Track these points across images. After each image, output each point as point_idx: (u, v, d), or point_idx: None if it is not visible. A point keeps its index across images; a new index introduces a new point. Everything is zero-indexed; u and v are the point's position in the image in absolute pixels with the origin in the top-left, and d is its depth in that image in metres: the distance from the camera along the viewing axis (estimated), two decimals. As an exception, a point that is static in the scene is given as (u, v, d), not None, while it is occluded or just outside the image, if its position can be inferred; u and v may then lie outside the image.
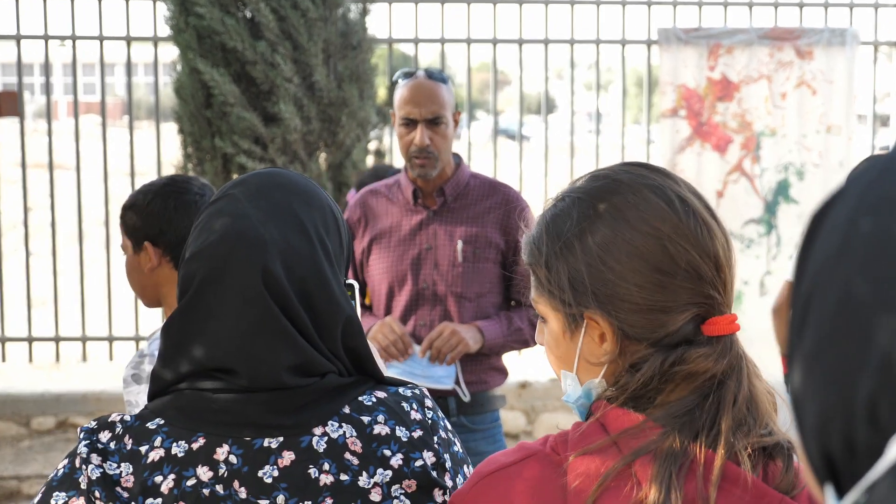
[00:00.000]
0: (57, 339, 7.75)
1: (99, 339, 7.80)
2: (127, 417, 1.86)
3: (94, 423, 1.85)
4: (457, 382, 4.03)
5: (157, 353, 2.92)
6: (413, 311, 4.07)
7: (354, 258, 4.18)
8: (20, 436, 7.54)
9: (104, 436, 1.84)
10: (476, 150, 7.78)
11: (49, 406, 7.57)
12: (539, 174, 7.65)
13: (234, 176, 6.84)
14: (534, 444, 1.71)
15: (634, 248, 1.68)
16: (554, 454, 1.67)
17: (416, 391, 1.96)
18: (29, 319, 7.66)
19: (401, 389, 1.95)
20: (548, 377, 7.72)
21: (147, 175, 8.19)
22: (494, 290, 4.10)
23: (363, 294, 4.25)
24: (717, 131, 7.42)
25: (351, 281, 2.09)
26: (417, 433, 1.90)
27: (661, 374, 1.66)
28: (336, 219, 1.98)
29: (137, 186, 7.37)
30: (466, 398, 4.04)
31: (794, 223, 7.40)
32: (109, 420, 1.86)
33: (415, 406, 1.93)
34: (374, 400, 1.91)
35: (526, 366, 7.81)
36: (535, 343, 4.09)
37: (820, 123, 7.42)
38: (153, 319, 7.74)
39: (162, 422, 1.85)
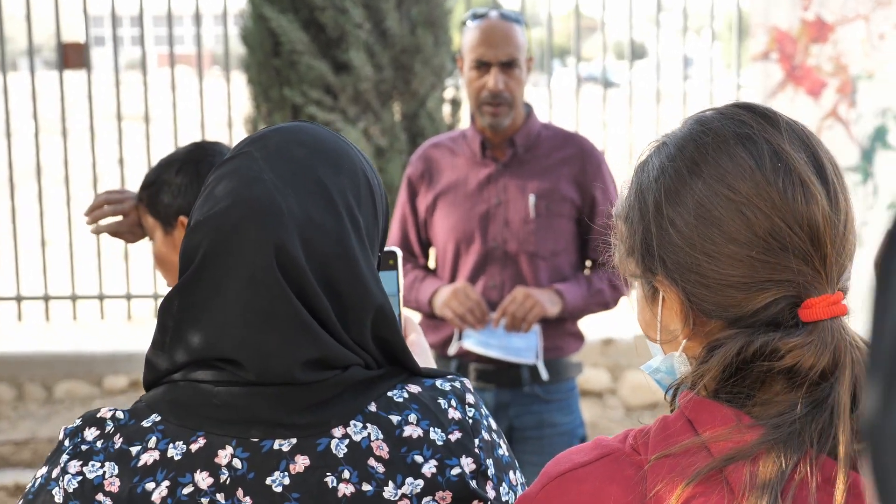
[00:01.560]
0: (46, 298, 7.63)
1: (89, 297, 7.67)
2: (119, 414, 1.60)
3: (79, 421, 1.60)
4: (537, 357, 3.74)
5: None
6: (482, 272, 3.79)
7: (418, 216, 3.90)
8: (11, 398, 7.37)
9: (90, 433, 1.59)
10: (561, 97, 7.46)
11: (40, 367, 7.39)
12: (626, 122, 7.35)
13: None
14: (612, 442, 1.46)
15: (705, 210, 1.42)
16: (634, 454, 1.43)
17: (457, 384, 1.67)
18: (17, 277, 7.55)
19: (438, 382, 1.66)
20: (632, 334, 7.43)
21: (218, 127, 8.01)
22: (570, 248, 3.82)
23: (426, 254, 3.98)
24: (810, 75, 7.05)
25: (393, 248, 1.81)
26: (455, 435, 1.62)
27: (744, 362, 1.39)
28: (371, 186, 1.69)
29: (209, 137, 7.29)
30: (546, 377, 3.76)
31: (892, 171, 7.02)
32: (98, 416, 1.60)
33: (454, 403, 1.65)
34: (405, 395, 1.63)
35: (610, 322, 7.53)
36: (615, 306, 3.87)
37: (914, 71, 7.02)
38: (145, 274, 7.56)
39: (158, 418, 1.59)
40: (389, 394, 1.62)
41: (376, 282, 1.64)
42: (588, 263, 3.92)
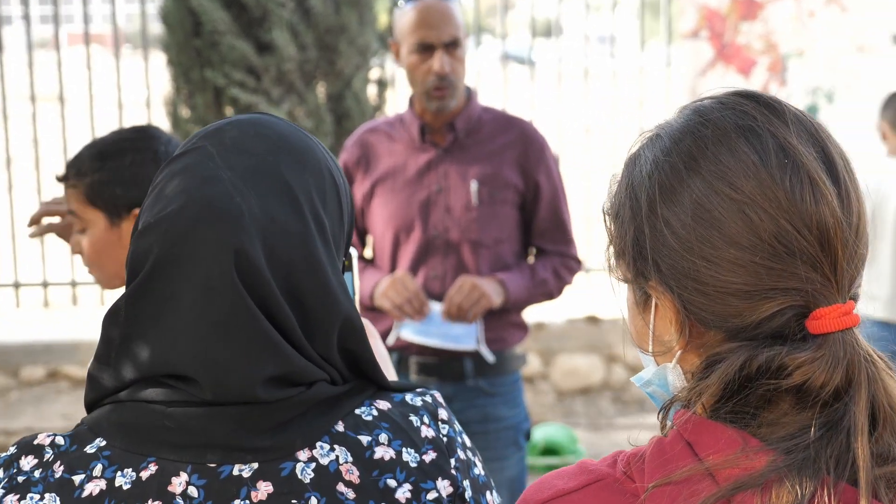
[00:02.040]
0: (45, 284, 7.36)
1: (89, 283, 7.41)
2: (59, 439, 1.45)
3: (13, 449, 1.44)
4: (478, 342, 3.61)
5: None
6: (423, 262, 3.64)
7: (354, 205, 3.74)
8: (8, 387, 7.18)
9: (27, 463, 1.43)
10: (483, 76, 7.34)
11: (38, 355, 7.19)
12: (549, 101, 7.24)
13: (228, 111, 6.42)
14: (599, 466, 1.33)
15: (704, 210, 1.28)
16: (627, 480, 1.30)
17: (428, 398, 1.54)
18: (15, 262, 7.26)
19: (408, 397, 1.53)
20: (564, 318, 7.34)
21: (135, 107, 7.79)
22: (513, 236, 3.69)
23: (363, 243, 3.82)
24: (740, 53, 6.99)
25: (350, 250, 1.66)
26: (430, 456, 1.49)
27: (747, 379, 1.25)
28: (336, 184, 1.55)
29: (126, 119, 7.07)
30: (491, 359, 3.63)
31: (823, 150, 6.98)
32: (35, 443, 1.44)
33: (426, 419, 1.51)
34: (375, 413, 1.49)
35: (541, 306, 7.43)
36: (560, 295, 3.75)
37: (851, 43, 6.97)
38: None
39: (103, 443, 1.43)
40: (357, 411, 1.49)
41: (343, 289, 1.50)
42: (532, 251, 3.80)
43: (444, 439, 1.51)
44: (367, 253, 3.85)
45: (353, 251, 1.68)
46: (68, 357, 7.14)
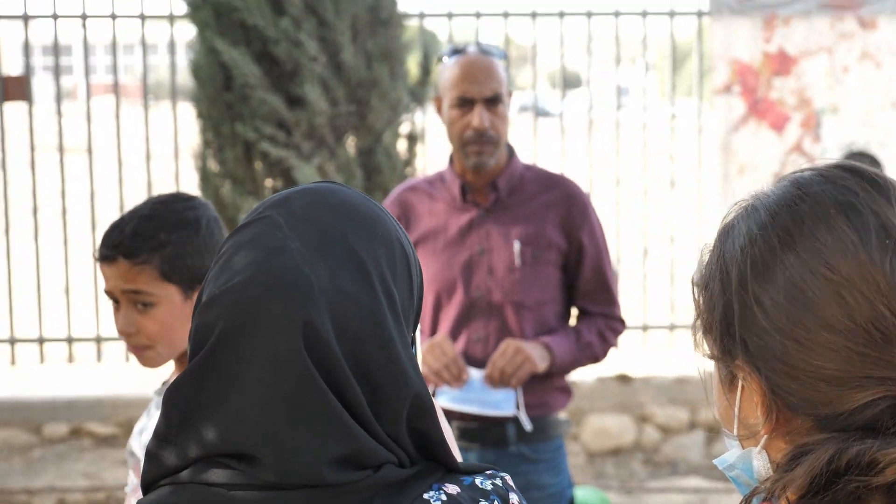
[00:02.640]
0: (70, 340, 7.29)
1: (114, 339, 7.35)
2: None
3: None
4: (517, 407, 3.53)
5: None
6: (465, 325, 3.57)
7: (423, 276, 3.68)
8: (31, 444, 7.11)
9: None
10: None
11: (61, 411, 7.12)
12: (573, 153, 7.19)
13: (257, 165, 6.38)
14: None
15: (798, 290, 1.21)
16: None
17: (498, 481, 1.46)
18: (40, 317, 7.20)
19: (478, 480, 1.45)
20: (594, 377, 7.25)
21: (164, 158, 7.74)
22: (556, 297, 3.62)
23: None
24: (773, 109, 6.93)
25: None
26: None
27: (835, 474, 1.17)
28: (406, 256, 1.50)
29: (154, 171, 7.03)
30: (528, 428, 3.55)
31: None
32: None
33: None
34: (443, 498, 1.41)
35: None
36: (605, 358, 3.67)
37: (885, 99, 6.92)
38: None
39: None
40: (426, 496, 1.41)
41: (413, 366, 1.44)
42: (574, 312, 3.73)
43: None
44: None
45: (417, 333, 1.62)
46: (92, 414, 7.07)
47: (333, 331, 1.37)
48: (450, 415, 3.55)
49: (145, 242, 2.46)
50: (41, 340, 7.25)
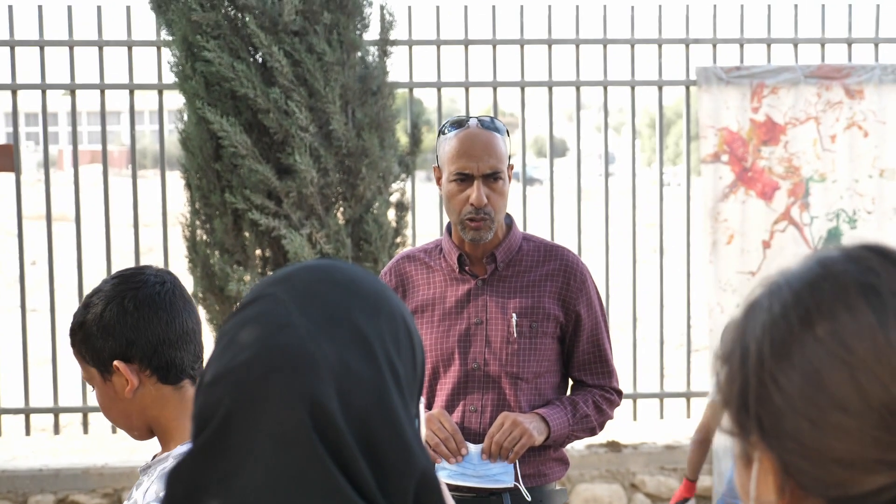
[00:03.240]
0: (56, 410, 7.22)
1: (100, 409, 7.29)
2: None
3: None
4: (516, 479, 3.51)
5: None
6: (461, 396, 3.56)
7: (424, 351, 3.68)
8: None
9: None
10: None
11: (48, 482, 7.05)
12: (563, 219, 7.19)
13: (246, 234, 6.36)
14: None
15: (813, 370, 1.20)
16: None
17: None
18: (26, 388, 7.13)
19: None
20: (583, 444, 7.22)
21: (153, 227, 7.74)
22: (553, 368, 3.61)
23: None
24: (762, 177, 6.95)
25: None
26: None
27: None
28: (409, 330, 1.49)
29: (142, 239, 7.01)
30: (529, 498, 3.53)
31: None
32: None
33: None
34: None
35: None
36: (601, 430, 3.65)
37: (873, 167, 6.96)
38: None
39: None
40: None
41: (418, 441, 1.43)
42: (570, 383, 3.72)
43: None
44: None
45: (421, 400, 1.61)
46: (78, 484, 6.99)
47: (340, 408, 1.35)
48: (448, 484, 3.53)
49: (71, 328, 2.52)
50: (27, 411, 7.19)
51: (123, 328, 2.44)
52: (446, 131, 3.60)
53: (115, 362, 2.44)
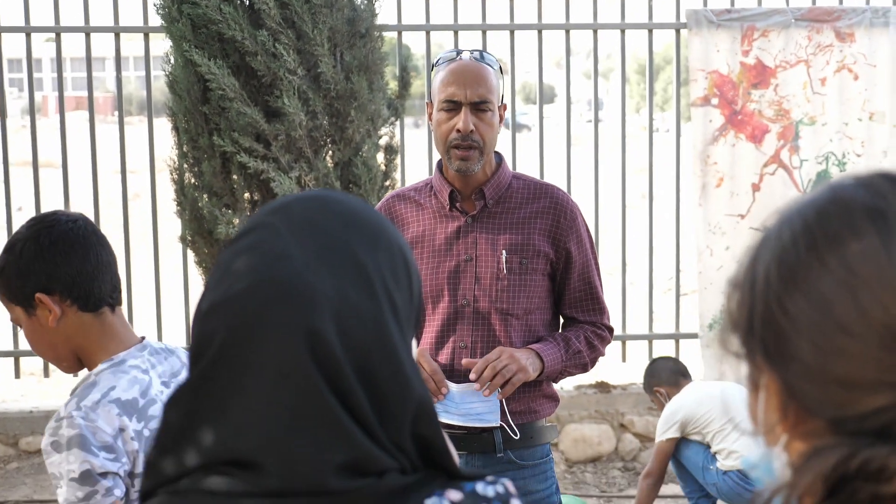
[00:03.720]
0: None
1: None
2: None
3: None
4: (503, 418, 3.51)
5: (77, 415, 2.47)
6: (451, 332, 3.55)
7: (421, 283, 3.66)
8: (7, 457, 7.04)
9: None
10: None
11: (38, 424, 7.06)
12: (552, 165, 7.18)
13: (235, 177, 6.34)
14: None
15: (817, 292, 1.20)
16: None
17: (500, 489, 1.44)
18: (14, 330, 7.12)
19: (479, 487, 1.43)
20: (573, 384, 7.24)
21: (140, 173, 7.70)
22: (544, 305, 3.59)
23: None
24: (752, 120, 6.94)
25: None
26: None
27: (846, 479, 1.16)
28: (406, 263, 1.48)
29: (129, 185, 6.98)
30: (517, 436, 3.53)
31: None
32: None
33: None
34: None
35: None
36: (593, 367, 3.65)
37: (862, 111, 6.95)
38: (147, 323, 7.26)
39: None
40: (428, 503, 1.39)
41: (415, 372, 1.42)
42: (562, 321, 3.72)
43: None
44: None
45: (414, 341, 1.60)
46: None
47: (338, 339, 1.35)
48: (438, 424, 3.53)
49: None
50: (16, 354, 7.19)
51: (42, 263, 2.61)
52: (440, 64, 3.59)
53: (38, 295, 2.60)
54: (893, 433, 1.16)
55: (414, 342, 1.60)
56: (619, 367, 7.71)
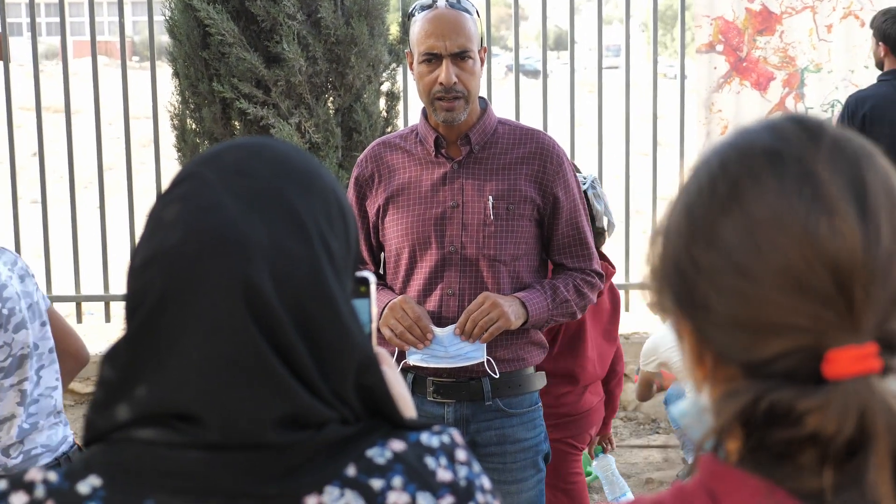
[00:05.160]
0: (50, 300, 7.21)
1: (95, 299, 7.32)
2: (52, 476, 1.34)
3: (3, 484, 1.35)
4: (486, 353, 3.51)
5: None
6: (439, 278, 3.53)
7: (368, 220, 3.65)
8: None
9: (18, 499, 1.33)
10: (493, 87, 7.25)
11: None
12: (557, 113, 7.14)
13: (235, 123, 6.32)
14: None
15: (718, 237, 1.20)
16: None
17: (445, 437, 1.43)
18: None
19: (423, 436, 1.42)
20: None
21: (141, 120, 7.69)
22: (531, 251, 3.58)
23: (376, 262, 3.72)
24: (757, 67, 6.89)
25: (365, 273, 1.56)
26: (447, 500, 1.38)
27: (762, 423, 1.17)
28: (342, 208, 1.46)
29: (133, 133, 6.98)
30: (496, 374, 3.52)
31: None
32: (26, 479, 1.34)
33: (443, 461, 1.40)
34: (388, 455, 1.38)
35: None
36: (582, 314, 3.64)
37: (869, 58, 6.88)
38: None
39: (99, 482, 1.33)
40: (369, 453, 1.38)
41: (354, 320, 1.41)
42: (550, 267, 3.70)
43: (463, 482, 1.40)
44: (380, 270, 3.74)
45: (371, 276, 1.58)
46: (73, 373, 7.03)
47: (274, 289, 1.34)
48: (426, 370, 3.53)
49: None
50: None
51: None
52: (416, 14, 3.55)
53: None
54: (800, 376, 1.16)
55: (374, 288, 1.58)
56: (623, 316, 7.68)
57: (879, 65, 6.29)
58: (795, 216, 1.16)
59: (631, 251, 7.31)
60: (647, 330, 7.35)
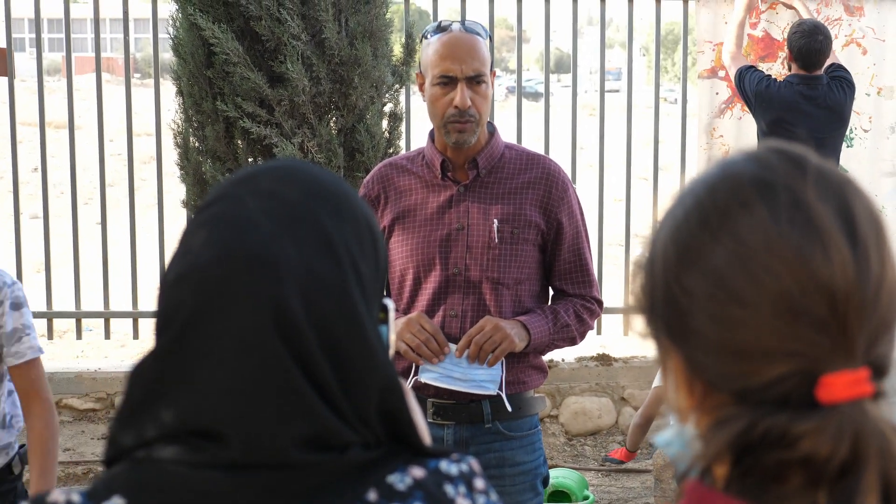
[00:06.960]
0: (50, 316, 7.25)
1: (94, 314, 7.32)
2: (75, 497, 1.35)
3: None
4: (501, 388, 3.52)
5: None
6: (442, 300, 3.55)
7: (388, 253, 3.66)
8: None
9: None
10: (494, 108, 7.28)
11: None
12: (558, 135, 7.16)
13: (238, 142, 6.33)
14: None
15: (711, 265, 1.23)
16: None
17: (464, 466, 1.44)
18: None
19: (443, 464, 1.43)
20: (574, 357, 7.24)
21: (143, 137, 7.72)
22: (534, 276, 3.60)
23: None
24: (758, 94, 6.89)
25: (386, 301, 1.57)
26: None
27: (752, 447, 1.19)
28: (372, 233, 1.48)
29: (136, 148, 7.00)
30: (510, 409, 3.55)
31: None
32: (49, 500, 1.35)
33: (462, 489, 1.42)
34: (408, 482, 1.39)
35: (551, 345, 7.33)
36: (582, 340, 3.66)
37: (870, 85, 6.92)
38: (151, 284, 7.26)
39: (122, 502, 1.34)
40: (390, 479, 1.39)
41: (380, 344, 1.42)
42: (552, 293, 3.72)
43: None
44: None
45: (390, 302, 1.60)
46: (71, 388, 7.04)
47: (303, 310, 1.35)
48: (427, 390, 3.54)
49: None
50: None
51: None
52: (429, 36, 3.58)
53: None
54: (793, 401, 1.18)
55: (392, 312, 1.60)
56: (621, 340, 7.70)
57: (788, 68, 6.46)
58: (789, 243, 1.19)
59: (631, 275, 7.32)
60: (647, 354, 7.36)
